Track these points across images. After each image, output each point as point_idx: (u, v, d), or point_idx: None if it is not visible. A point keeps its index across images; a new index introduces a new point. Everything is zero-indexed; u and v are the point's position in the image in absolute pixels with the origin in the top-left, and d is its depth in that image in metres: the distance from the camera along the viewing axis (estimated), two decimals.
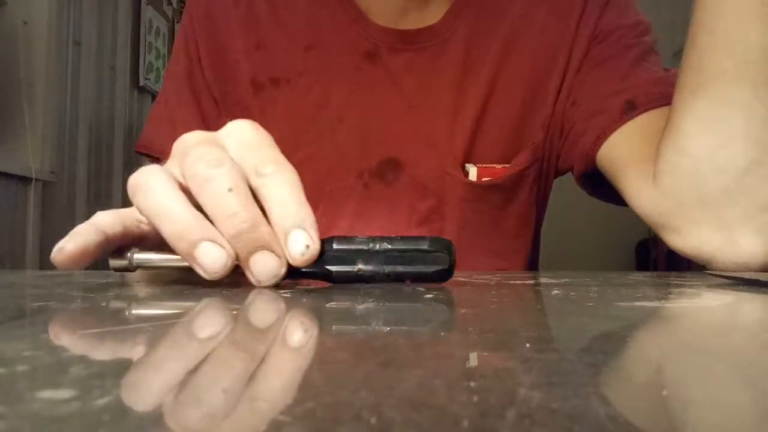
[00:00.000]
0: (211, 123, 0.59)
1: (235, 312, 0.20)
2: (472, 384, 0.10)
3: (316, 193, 0.57)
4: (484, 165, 0.56)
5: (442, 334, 0.16)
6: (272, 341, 0.15)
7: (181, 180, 0.28)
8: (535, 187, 0.58)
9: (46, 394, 0.10)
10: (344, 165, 0.56)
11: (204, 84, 0.59)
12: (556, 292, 0.26)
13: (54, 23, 1.71)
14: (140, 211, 0.28)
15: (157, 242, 0.29)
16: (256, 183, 0.27)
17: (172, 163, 0.30)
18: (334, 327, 0.18)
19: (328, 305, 0.22)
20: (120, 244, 0.30)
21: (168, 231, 0.26)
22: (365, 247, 0.27)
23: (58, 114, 1.79)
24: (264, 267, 0.26)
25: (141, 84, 2.30)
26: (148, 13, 2.33)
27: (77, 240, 0.28)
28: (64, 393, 0.10)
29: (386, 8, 0.56)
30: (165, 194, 0.26)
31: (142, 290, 0.29)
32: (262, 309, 0.21)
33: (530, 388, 0.10)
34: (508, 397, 0.09)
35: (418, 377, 0.11)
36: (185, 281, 0.31)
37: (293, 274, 0.27)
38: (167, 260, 0.28)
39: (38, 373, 0.11)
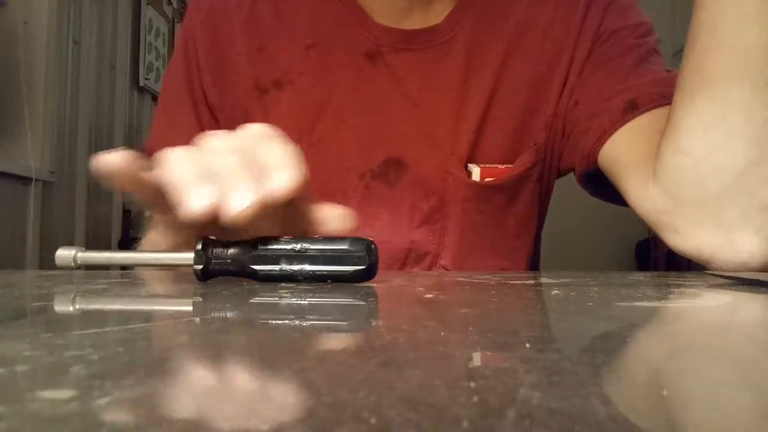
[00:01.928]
0: (208, 129, 0.59)
1: (237, 312, 0.20)
2: (472, 384, 0.10)
3: (318, 193, 0.57)
4: (487, 165, 0.56)
5: (442, 334, 0.16)
6: (279, 339, 0.15)
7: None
8: (538, 188, 0.58)
9: (46, 394, 0.10)
10: (346, 165, 0.56)
11: (201, 90, 0.59)
12: (556, 292, 0.26)
13: (54, 23, 1.71)
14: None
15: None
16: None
17: None
18: (330, 327, 0.18)
19: (326, 305, 0.22)
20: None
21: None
22: (288, 248, 0.28)
23: (58, 114, 1.79)
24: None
25: (141, 84, 2.30)
26: (148, 13, 2.33)
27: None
28: (64, 393, 0.10)
29: (389, 8, 0.56)
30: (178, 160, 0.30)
31: (142, 290, 0.29)
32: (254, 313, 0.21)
33: (530, 388, 0.10)
34: (508, 397, 0.09)
35: (418, 377, 0.11)
36: (189, 280, 0.31)
37: (220, 273, 0.29)
38: (111, 259, 0.30)
39: (38, 373, 0.11)
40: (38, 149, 1.65)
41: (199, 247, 0.28)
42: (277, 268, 0.28)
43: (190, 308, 0.22)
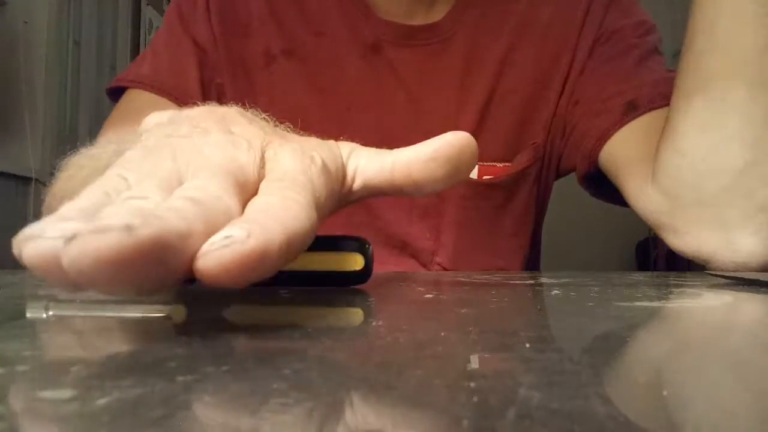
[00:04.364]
0: (211, 73, 0.56)
1: (229, 313, 0.20)
2: (472, 384, 0.10)
3: None
4: (485, 163, 0.56)
5: (442, 334, 0.16)
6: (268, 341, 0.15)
7: None
8: (536, 187, 0.58)
9: (46, 394, 0.10)
10: None
11: (209, 32, 0.56)
12: (556, 292, 0.26)
13: (54, 23, 1.71)
14: None
15: None
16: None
17: None
18: (330, 327, 0.18)
19: (325, 305, 0.22)
20: None
21: None
22: None
23: (58, 114, 1.79)
24: None
25: None
26: (148, 13, 2.33)
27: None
28: (64, 393, 0.10)
29: (391, 3, 0.56)
30: None
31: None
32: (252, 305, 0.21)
33: (530, 388, 0.10)
34: (508, 397, 0.09)
35: (418, 377, 0.11)
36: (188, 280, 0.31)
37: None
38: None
39: (38, 373, 0.11)
40: (38, 149, 1.65)
41: None
42: None
43: (189, 309, 0.22)
